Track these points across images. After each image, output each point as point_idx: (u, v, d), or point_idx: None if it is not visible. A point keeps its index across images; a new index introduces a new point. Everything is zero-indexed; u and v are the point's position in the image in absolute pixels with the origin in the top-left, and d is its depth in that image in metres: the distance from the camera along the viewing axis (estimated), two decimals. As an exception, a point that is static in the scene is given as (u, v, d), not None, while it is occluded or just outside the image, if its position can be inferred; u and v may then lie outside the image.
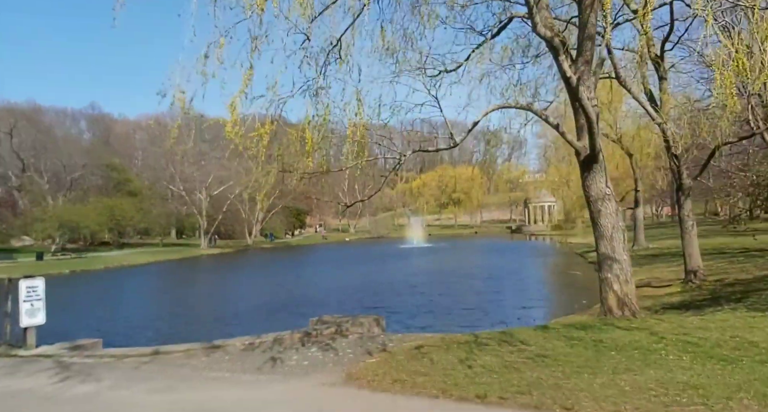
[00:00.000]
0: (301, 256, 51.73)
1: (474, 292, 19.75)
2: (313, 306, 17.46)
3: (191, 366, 6.88)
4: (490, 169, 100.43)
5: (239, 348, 7.84)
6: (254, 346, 7.95)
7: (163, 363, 7.21)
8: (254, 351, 7.60)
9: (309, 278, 27.81)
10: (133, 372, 6.81)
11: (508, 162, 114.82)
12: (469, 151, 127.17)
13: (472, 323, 13.60)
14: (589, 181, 9.34)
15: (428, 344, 7.42)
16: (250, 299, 20.33)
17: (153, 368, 6.91)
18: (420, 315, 14.97)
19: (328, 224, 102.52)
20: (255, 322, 14.88)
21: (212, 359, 7.29)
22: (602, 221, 9.23)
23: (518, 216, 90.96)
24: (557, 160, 45.11)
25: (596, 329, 8.03)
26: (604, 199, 9.23)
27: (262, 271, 35.11)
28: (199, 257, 56.81)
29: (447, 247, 53.12)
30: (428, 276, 26.24)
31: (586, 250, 38.33)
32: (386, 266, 33.95)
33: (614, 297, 9.04)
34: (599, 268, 9.37)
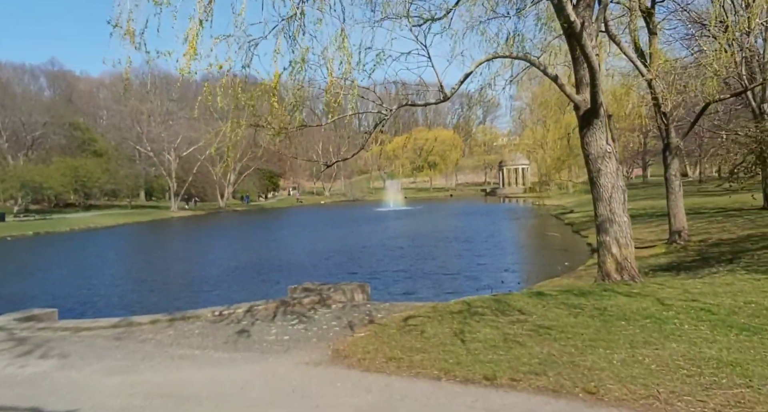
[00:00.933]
0: (276, 219, 50.75)
1: (454, 255, 19.29)
2: (289, 272, 16.77)
3: (156, 341, 6.11)
4: (465, 132, 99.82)
5: (210, 320, 7.09)
6: (227, 317, 7.19)
7: (125, 337, 6.42)
8: (227, 323, 6.85)
9: (284, 242, 27.03)
10: (88, 349, 6.01)
11: (482, 125, 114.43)
12: (444, 113, 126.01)
13: (457, 289, 13.09)
14: (588, 137, 8.66)
15: (419, 314, 6.77)
16: (221, 264, 19.50)
17: (112, 344, 6.13)
18: (402, 281, 14.40)
19: (303, 186, 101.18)
20: (228, 289, 14.12)
21: (180, 332, 6.53)
22: (602, 180, 8.61)
23: (493, 179, 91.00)
24: (532, 123, 44.61)
25: (597, 296, 7.51)
26: (604, 157, 8.59)
27: (235, 234, 34.15)
28: (170, 220, 55.38)
29: (423, 210, 52.75)
30: (407, 240, 25.71)
31: (562, 211, 38.38)
32: (363, 229, 33.34)
33: (613, 261, 8.52)
34: (597, 230, 8.82)
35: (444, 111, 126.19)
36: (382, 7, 9.23)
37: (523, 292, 9.72)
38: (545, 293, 8.20)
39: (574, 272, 14.69)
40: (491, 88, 15.29)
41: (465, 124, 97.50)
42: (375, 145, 66.65)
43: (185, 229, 43.96)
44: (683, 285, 8.29)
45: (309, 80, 8.49)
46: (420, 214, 46.64)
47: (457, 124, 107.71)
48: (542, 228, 30.75)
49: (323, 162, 9.19)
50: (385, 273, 15.60)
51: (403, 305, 7.86)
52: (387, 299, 11.68)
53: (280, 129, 8.60)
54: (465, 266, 16.90)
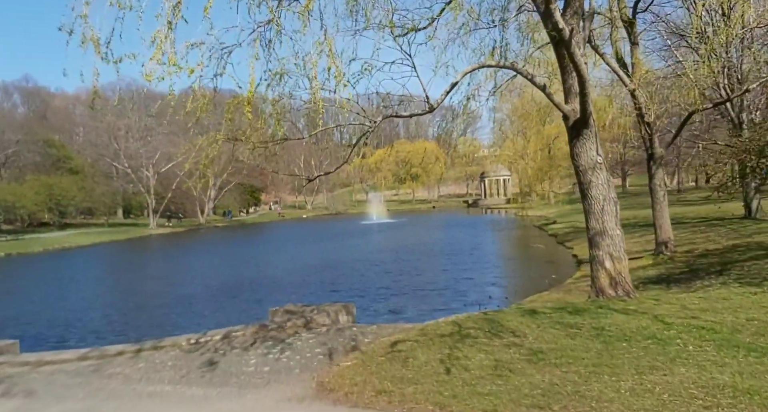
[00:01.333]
0: (257, 234, 49.98)
1: (440, 269, 18.93)
2: (270, 290, 16.23)
3: (123, 377, 5.61)
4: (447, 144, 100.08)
5: (185, 349, 6.60)
6: (202, 346, 6.71)
7: (90, 372, 5.91)
8: (202, 353, 6.37)
9: (265, 258, 26.42)
10: (48, 387, 5.49)
11: (463, 136, 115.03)
12: (426, 125, 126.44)
13: (445, 305, 12.72)
14: (578, 148, 8.42)
15: (408, 338, 6.38)
16: (200, 284, 18.86)
17: (75, 381, 5.61)
18: (388, 298, 13.98)
19: (285, 200, 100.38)
20: (206, 311, 13.54)
21: (150, 364, 6.03)
22: (593, 192, 8.35)
23: (475, 190, 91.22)
24: (513, 134, 44.76)
25: (592, 314, 7.20)
26: (594, 168, 8.34)
27: (215, 251, 33.41)
28: (148, 237, 54.21)
29: (407, 222, 52.44)
30: (391, 253, 25.31)
31: (544, 222, 38.34)
32: (346, 243, 32.86)
33: (606, 276, 8.23)
34: (589, 244, 8.54)
35: (425, 123, 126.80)
36: (365, 15, 8.94)
37: (513, 309, 9.37)
38: (538, 311, 7.87)
39: (562, 286, 14.43)
40: (475, 100, 15.08)
41: (447, 137, 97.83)
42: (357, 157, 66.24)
43: (164, 247, 42.99)
44: (679, 300, 8.03)
45: (289, 92, 8.14)
46: (403, 226, 46.28)
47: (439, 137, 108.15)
48: (526, 239, 30.60)
49: (305, 176, 8.77)
50: (370, 290, 15.16)
51: (391, 327, 7.45)
52: (373, 319, 11.28)
53: (259, 143, 8.22)
54: (451, 281, 16.54)
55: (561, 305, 8.21)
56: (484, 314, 9.00)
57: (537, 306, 8.90)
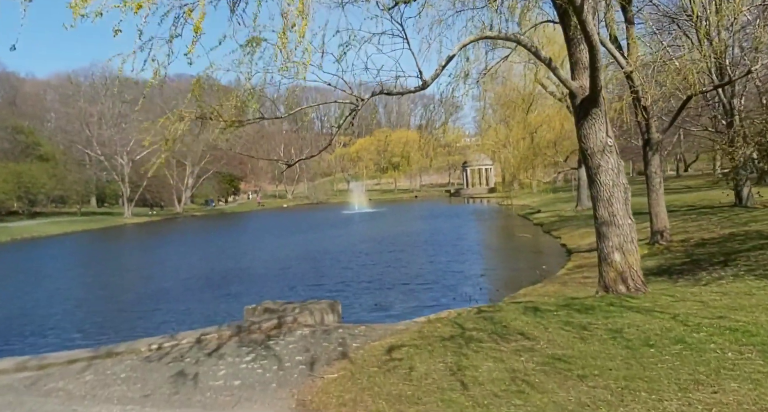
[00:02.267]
0: (235, 224, 48.76)
1: (426, 261, 18.16)
2: (248, 283, 15.30)
3: (65, 393, 4.70)
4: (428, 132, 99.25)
5: (144, 356, 5.70)
6: (167, 352, 5.81)
7: (24, 388, 4.98)
8: (166, 362, 5.48)
9: (243, 249, 25.40)
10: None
11: (445, 125, 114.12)
12: (407, 114, 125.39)
13: (435, 300, 11.95)
14: (586, 129, 7.65)
15: (403, 342, 5.57)
16: (174, 277, 17.83)
17: (4, 400, 4.69)
18: (374, 292, 13.16)
19: (265, 190, 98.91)
20: (179, 307, 12.57)
21: (100, 377, 5.13)
22: (602, 178, 7.60)
23: (457, 180, 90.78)
24: (495, 123, 44.15)
25: (603, 312, 6.47)
26: (604, 151, 7.59)
27: (192, 241, 32.24)
28: (123, 227, 52.64)
29: (389, 212, 51.64)
30: (375, 244, 24.49)
31: (529, 211, 37.89)
32: (328, 234, 31.96)
33: (615, 270, 7.51)
34: (597, 235, 7.80)
35: (407, 112, 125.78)
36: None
37: (511, 306, 8.64)
38: (542, 309, 7.12)
39: (556, 278, 13.76)
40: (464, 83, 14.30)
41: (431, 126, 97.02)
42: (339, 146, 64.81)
43: (138, 237, 41.61)
44: (694, 295, 7.36)
45: (264, 66, 7.21)
46: (385, 216, 45.49)
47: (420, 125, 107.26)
48: (512, 229, 30.05)
49: (284, 161, 7.86)
50: (355, 284, 14.33)
51: (382, 327, 6.65)
52: (359, 316, 10.46)
53: (231, 122, 7.29)
54: (438, 273, 15.80)
55: (566, 302, 7.48)
56: (482, 311, 8.24)
57: (538, 302, 8.16)
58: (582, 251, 18.58)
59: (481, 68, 14.57)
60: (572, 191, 44.73)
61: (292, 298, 12.48)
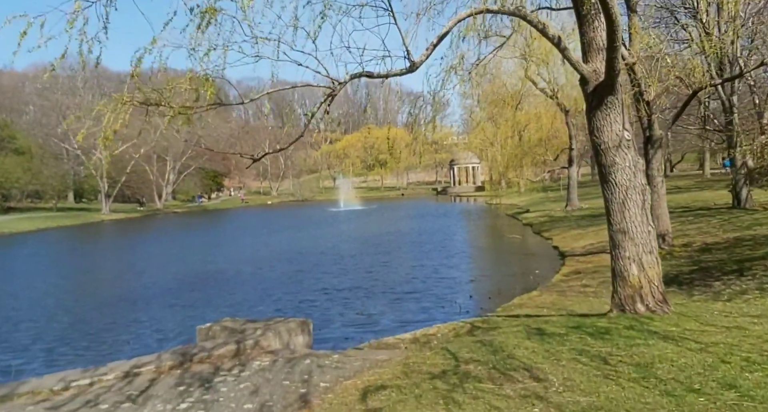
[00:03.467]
0: (216, 222, 47.30)
1: (414, 265, 17.04)
2: (217, 291, 14.04)
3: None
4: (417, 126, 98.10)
5: (47, 400, 4.48)
6: (78, 394, 4.61)
7: None
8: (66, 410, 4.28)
9: (218, 250, 24.12)
10: None
11: (432, 123, 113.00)
12: (394, 112, 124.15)
13: (424, 310, 10.83)
14: (600, 120, 6.57)
15: (384, 381, 4.45)
16: (138, 282, 16.45)
17: None
18: (355, 301, 11.99)
19: (249, 186, 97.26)
20: (130, 321, 11.26)
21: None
22: (617, 177, 6.54)
23: (444, 178, 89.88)
24: (483, 121, 43.36)
25: (624, 338, 5.41)
26: (620, 146, 6.52)
27: (166, 240, 30.79)
28: (100, 223, 50.90)
29: (375, 210, 50.50)
30: (359, 245, 23.34)
31: (517, 211, 37.00)
32: (310, 233, 30.77)
33: (632, 286, 6.46)
34: (611, 243, 6.74)
35: (394, 110, 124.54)
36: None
37: (509, 323, 7.57)
38: (548, 332, 6.05)
39: (552, 285, 12.73)
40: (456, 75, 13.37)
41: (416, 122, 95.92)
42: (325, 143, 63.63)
43: (113, 235, 40.05)
44: (723, 315, 6.34)
45: (224, 43, 6.06)
46: (371, 215, 44.35)
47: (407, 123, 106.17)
48: (501, 229, 29.10)
49: (249, 155, 6.69)
50: (335, 291, 13.16)
51: (359, 356, 5.52)
52: (337, 332, 9.32)
53: (180, 109, 6.13)
54: (426, 279, 14.71)
55: (576, 323, 6.41)
56: (476, 328, 7.18)
57: (540, 320, 7.10)
58: (576, 255, 17.61)
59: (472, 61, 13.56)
60: (560, 191, 43.94)
61: (261, 308, 11.32)
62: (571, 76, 29.93)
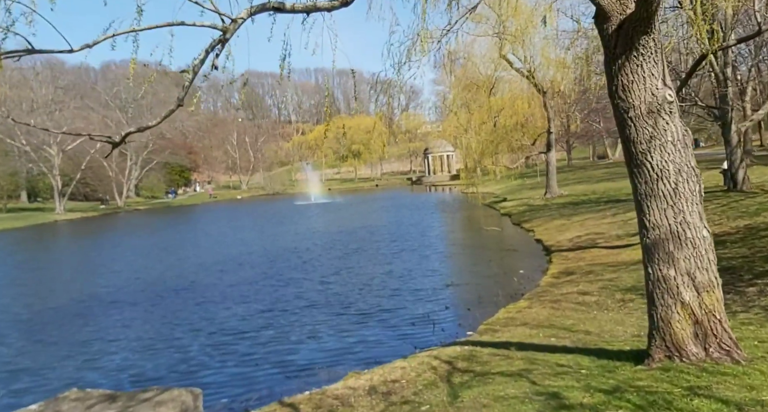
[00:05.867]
0: (177, 220, 44.43)
1: (383, 270, 14.70)
2: (112, 318, 11.52)
3: None
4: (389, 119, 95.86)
5: None
6: None
7: None
8: None
9: (162, 256, 21.52)
10: None
11: (405, 111, 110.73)
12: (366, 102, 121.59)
13: (389, 332, 8.62)
14: (627, 73, 4.39)
15: None
16: (32, 302, 13.70)
17: None
18: (305, 322, 9.71)
19: (218, 181, 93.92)
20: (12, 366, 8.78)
21: None
22: (656, 157, 4.38)
23: (418, 167, 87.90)
24: (456, 107, 41.49)
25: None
26: (660, 111, 4.37)
27: (111, 245, 27.97)
28: (52, 224, 47.48)
29: (346, 203, 48.16)
30: (325, 245, 21.03)
31: (494, 200, 35.16)
32: (273, 231, 28.37)
33: (685, 318, 4.33)
34: (646, 254, 4.61)
35: (366, 99, 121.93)
36: None
37: (499, 365, 5.43)
38: (569, 404, 3.90)
39: (541, 292, 10.65)
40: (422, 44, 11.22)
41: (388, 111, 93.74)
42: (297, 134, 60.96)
43: (60, 237, 37.01)
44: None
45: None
46: (343, 208, 42.02)
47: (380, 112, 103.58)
48: (478, 221, 27.17)
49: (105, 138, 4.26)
50: (281, 304, 10.87)
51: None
52: (276, 372, 7.02)
53: None
54: (397, 287, 12.56)
55: (604, 381, 4.26)
56: (455, 369, 5.03)
57: (545, 364, 4.95)
58: (563, 250, 15.65)
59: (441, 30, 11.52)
60: (537, 177, 42.18)
61: (184, 341, 8.95)
62: (547, 54, 28.02)
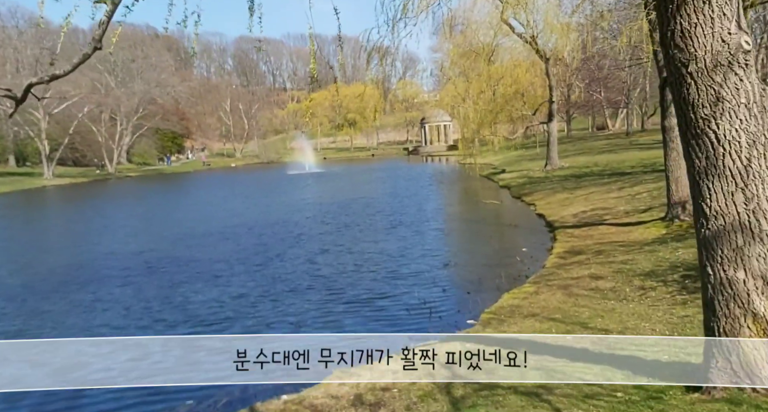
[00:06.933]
0: (167, 188, 43.34)
1: (378, 249, 13.66)
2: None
3: None
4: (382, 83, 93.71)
5: None
6: None
7: None
8: None
9: (143, 227, 20.55)
10: None
11: (402, 80, 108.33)
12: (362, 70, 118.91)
13: (382, 320, 7.73)
14: (690, 14, 3.36)
15: None
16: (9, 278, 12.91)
17: None
18: (296, 305, 8.83)
19: (212, 148, 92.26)
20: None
21: None
22: (723, 126, 3.39)
23: (415, 137, 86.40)
24: (454, 76, 40.13)
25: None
26: (732, 64, 3.35)
27: (95, 213, 26.93)
28: (41, 190, 46.34)
29: (341, 172, 47.04)
30: (316, 218, 20.07)
31: (492, 172, 34.16)
32: (264, 201, 27.39)
33: (758, 337, 3.40)
34: (703, 252, 3.66)
35: (362, 68, 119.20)
36: None
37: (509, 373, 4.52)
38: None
39: (548, 273, 9.76)
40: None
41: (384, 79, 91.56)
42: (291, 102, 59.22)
43: (46, 204, 35.98)
44: None
45: None
46: (336, 178, 40.94)
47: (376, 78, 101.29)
48: (476, 193, 26.26)
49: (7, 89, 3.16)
50: (260, 296, 9.95)
51: None
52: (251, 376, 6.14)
53: None
54: (391, 266, 11.69)
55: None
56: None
57: (574, 390, 4.08)
58: (568, 226, 14.73)
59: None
60: (536, 148, 41.04)
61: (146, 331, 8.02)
62: (550, 19, 26.55)
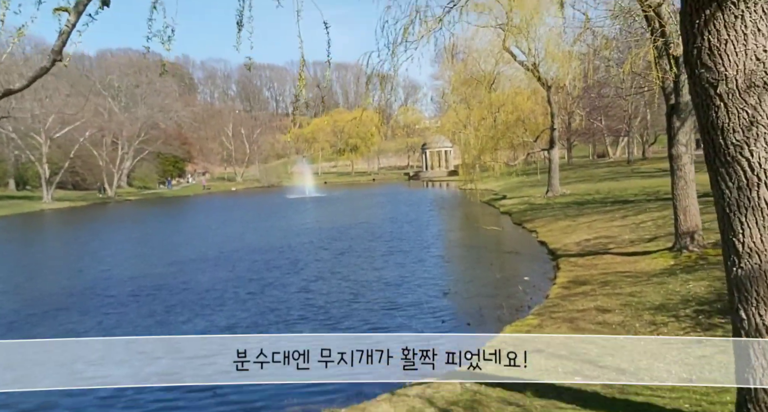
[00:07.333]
0: (166, 212, 43.04)
1: (376, 277, 13.24)
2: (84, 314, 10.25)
3: None
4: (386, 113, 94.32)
5: None
6: None
7: None
8: None
9: (128, 254, 20.10)
10: None
11: (404, 106, 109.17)
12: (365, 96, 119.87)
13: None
14: (720, 30, 3.01)
15: None
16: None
17: None
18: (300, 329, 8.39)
19: (213, 172, 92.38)
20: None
21: None
22: (759, 150, 3.03)
23: (416, 162, 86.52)
24: (454, 103, 40.33)
25: None
26: (766, 85, 3.02)
27: (86, 238, 26.55)
28: (39, 214, 46.08)
29: (341, 197, 46.78)
30: (313, 244, 19.68)
31: (493, 198, 33.83)
32: (262, 225, 27.02)
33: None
34: (738, 294, 3.25)
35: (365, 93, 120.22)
36: None
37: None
38: None
39: (552, 305, 9.30)
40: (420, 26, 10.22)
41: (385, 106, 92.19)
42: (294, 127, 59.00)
43: (39, 228, 35.64)
44: None
45: None
46: (336, 202, 40.65)
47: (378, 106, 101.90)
48: (477, 219, 25.90)
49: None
50: (256, 323, 9.53)
51: None
52: None
53: None
54: (388, 295, 11.25)
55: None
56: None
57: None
58: (571, 255, 14.28)
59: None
60: (537, 175, 40.85)
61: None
62: (552, 48, 26.58)
